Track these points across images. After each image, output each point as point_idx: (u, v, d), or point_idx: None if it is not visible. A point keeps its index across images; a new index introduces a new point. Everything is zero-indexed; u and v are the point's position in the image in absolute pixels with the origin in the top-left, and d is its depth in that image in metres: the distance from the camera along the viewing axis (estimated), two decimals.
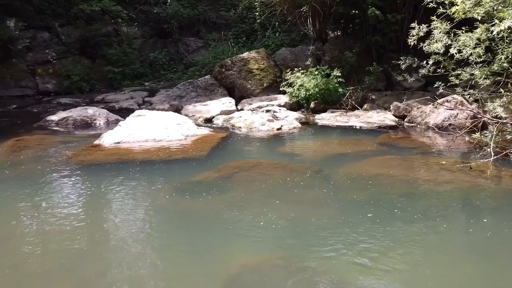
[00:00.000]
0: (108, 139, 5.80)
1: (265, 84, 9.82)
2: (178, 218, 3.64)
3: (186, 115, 7.82)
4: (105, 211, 3.84)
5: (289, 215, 3.54)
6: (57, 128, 7.15)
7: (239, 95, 9.76)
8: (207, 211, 3.67)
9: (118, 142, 5.73)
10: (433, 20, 5.25)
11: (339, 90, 8.50)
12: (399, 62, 6.36)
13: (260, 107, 8.55)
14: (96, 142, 5.79)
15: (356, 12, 9.18)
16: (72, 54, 13.50)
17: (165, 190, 4.19)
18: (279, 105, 8.57)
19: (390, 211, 3.62)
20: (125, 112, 8.01)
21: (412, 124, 7.20)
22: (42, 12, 14.04)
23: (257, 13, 12.16)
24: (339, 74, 8.43)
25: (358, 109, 8.37)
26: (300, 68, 8.86)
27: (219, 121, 7.84)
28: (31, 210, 3.80)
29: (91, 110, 7.65)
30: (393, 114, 7.66)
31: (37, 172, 4.77)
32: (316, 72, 8.58)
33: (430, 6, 5.28)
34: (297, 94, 8.62)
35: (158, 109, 8.19)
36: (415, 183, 4.36)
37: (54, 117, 7.46)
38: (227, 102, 8.95)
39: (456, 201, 3.97)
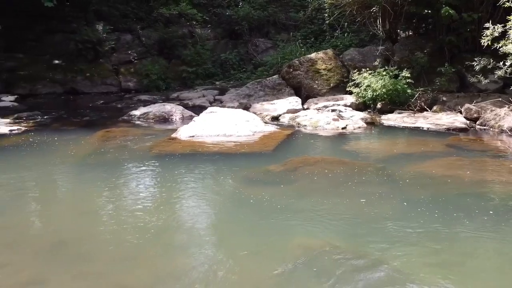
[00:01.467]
0: (184, 132, 6.33)
1: (331, 84, 9.94)
2: (245, 203, 3.98)
3: (254, 112, 8.20)
4: (180, 194, 4.29)
5: (349, 207, 3.73)
6: (138, 122, 7.89)
7: (305, 95, 9.98)
8: (272, 198, 3.97)
9: (193, 136, 6.24)
10: (509, 20, 5.10)
11: (408, 91, 8.40)
12: (473, 63, 6.19)
13: (326, 106, 8.70)
14: (173, 135, 6.35)
15: (429, 11, 8.99)
16: (151, 55, 14.56)
17: (234, 179, 4.57)
18: (345, 105, 8.66)
19: (455, 211, 3.63)
20: (197, 109, 8.59)
21: (485, 127, 6.96)
22: (126, 16, 15.29)
23: (326, 14, 12.27)
24: (409, 75, 8.33)
25: (427, 110, 8.21)
26: (367, 69, 8.87)
27: (285, 119, 8.13)
28: (115, 191, 4.36)
29: (168, 106, 8.32)
30: (464, 117, 7.43)
31: (123, 158, 5.40)
32: (384, 73, 8.55)
33: (506, 5, 5.14)
34: (363, 95, 8.65)
35: (228, 107, 8.67)
36: (484, 185, 4.31)
37: (136, 112, 8.23)
38: (294, 101, 9.20)
39: None
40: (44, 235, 3.44)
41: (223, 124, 6.62)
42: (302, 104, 9.26)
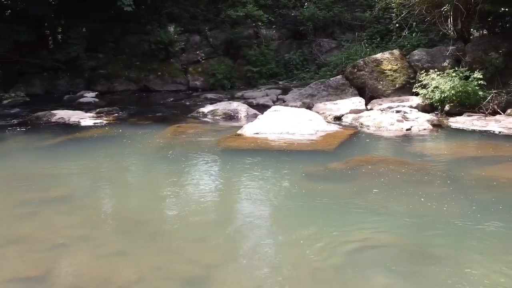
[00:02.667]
0: (248, 129, 6.63)
1: (397, 85, 9.76)
2: (307, 197, 4.15)
3: (316, 112, 8.31)
4: (244, 186, 4.56)
5: (410, 206, 3.77)
6: (206, 119, 8.34)
7: (369, 95, 9.89)
8: (333, 194, 4.12)
9: (257, 133, 6.51)
10: None
11: (479, 93, 8.05)
12: None
13: (390, 107, 8.59)
14: (239, 131, 6.67)
15: (506, 10, 8.54)
16: (217, 55, 15.16)
17: (296, 174, 4.76)
18: (410, 107, 8.49)
19: None
20: (261, 108, 8.89)
21: None
22: (196, 18, 16.04)
23: (393, 14, 12.03)
24: (481, 76, 7.98)
25: (500, 114, 7.82)
26: (436, 70, 8.62)
27: (347, 119, 8.16)
28: (185, 180, 4.75)
29: (234, 105, 8.70)
30: None
31: (193, 151, 5.81)
32: (454, 74, 8.26)
33: None
34: (431, 96, 8.42)
35: (291, 106, 8.87)
36: None
37: (204, 109, 8.71)
38: (357, 102, 9.18)
39: None
40: (123, 215, 3.86)
41: (286, 123, 6.83)
42: (366, 104, 9.21)
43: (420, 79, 8.83)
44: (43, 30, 14.83)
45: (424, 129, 7.03)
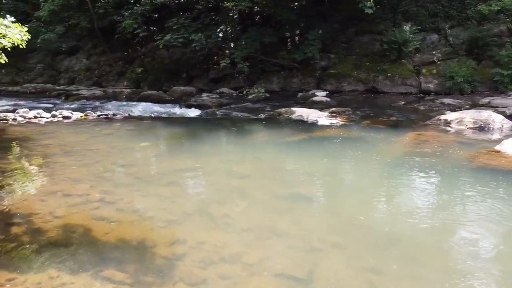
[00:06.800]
0: (511, 146, 5.52)
1: None
2: None
3: None
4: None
5: None
6: (449, 128, 7.42)
7: None
8: None
9: None
10: None
11: None
12: None
13: None
14: (497, 147, 5.64)
15: None
16: (457, 55, 13.55)
17: None
18: None
19: None
20: None
21: None
22: (435, 15, 14.73)
23: None
24: None
25: None
26: None
27: None
28: (434, 198, 4.18)
29: (485, 114, 7.46)
30: None
31: (439, 165, 5.15)
32: None
33: None
34: None
35: None
36: None
37: (447, 117, 7.78)
38: None
39: None
40: (373, 226, 3.60)
41: None
42: None
43: None
44: (283, 33, 16.25)
45: None
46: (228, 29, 17.39)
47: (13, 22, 9.50)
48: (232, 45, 16.51)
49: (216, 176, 4.86)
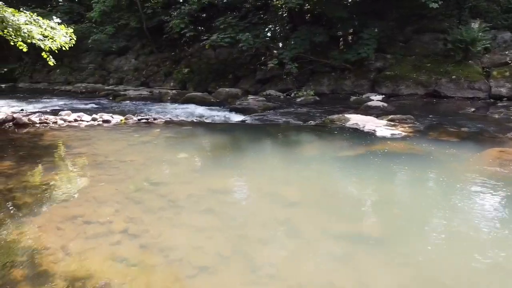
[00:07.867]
0: None
1: None
2: None
3: None
4: None
5: None
6: None
7: None
8: None
9: None
10: None
11: None
12: None
13: None
14: None
15: None
16: None
17: None
18: None
19: None
20: None
21: None
22: (508, 11, 13.19)
23: None
24: None
25: None
26: None
27: None
28: None
29: None
30: None
31: None
32: None
33: None
34: None
35: None
36: None
37: None
38: None
39: None
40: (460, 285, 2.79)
41: None
42: None
43: None
44: (335, 32, 15.28)
45: None
46: (277, 28, 16.69)
47: (59, 23, 9.35)
48: (280, 45, 15.79)
49: (259, 202, 4.15)
